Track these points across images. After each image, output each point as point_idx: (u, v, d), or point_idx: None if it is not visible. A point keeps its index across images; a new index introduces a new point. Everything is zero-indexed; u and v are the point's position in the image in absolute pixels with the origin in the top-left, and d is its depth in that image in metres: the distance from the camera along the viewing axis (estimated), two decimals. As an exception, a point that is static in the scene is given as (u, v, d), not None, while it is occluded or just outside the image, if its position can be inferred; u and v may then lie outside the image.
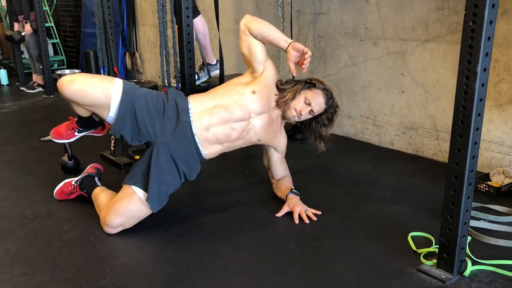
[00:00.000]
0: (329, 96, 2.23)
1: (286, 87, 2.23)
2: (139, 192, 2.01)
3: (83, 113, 2.15)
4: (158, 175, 2.01)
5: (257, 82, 2.20)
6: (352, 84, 3.34)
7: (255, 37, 2.19)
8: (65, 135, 2.30)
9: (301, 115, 2.20)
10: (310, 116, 2.25)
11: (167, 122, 2.07)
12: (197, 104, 2.12)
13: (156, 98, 2.11)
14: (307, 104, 2.20)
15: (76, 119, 2.28)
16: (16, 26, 5.50)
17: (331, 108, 2.26)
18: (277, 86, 2.25)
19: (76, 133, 2.30)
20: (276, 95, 2.23)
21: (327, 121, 2.28)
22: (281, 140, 2.32)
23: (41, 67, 5.41)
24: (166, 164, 2.04)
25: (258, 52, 2.20)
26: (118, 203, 2.02)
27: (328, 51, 3.45)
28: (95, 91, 1.97)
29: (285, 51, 2.16)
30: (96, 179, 2.37)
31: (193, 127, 2.08)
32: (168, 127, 2.07)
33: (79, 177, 2.39)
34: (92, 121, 2.28)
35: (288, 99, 2.19)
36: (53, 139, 2.33)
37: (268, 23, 2.21)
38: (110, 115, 2.02)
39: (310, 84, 2.23)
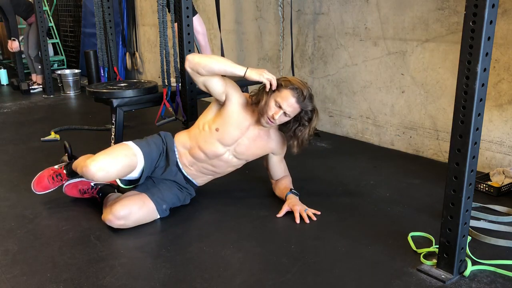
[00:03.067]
0: (300, 94, 2.08)
1: (258, 96, 2.16)
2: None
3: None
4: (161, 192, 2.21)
5: (220, 116, 2.18)
6: (352, 84, 3.34)
7: (206, 76, 2.11)
8: (51, 185, 2.38)
9: (274, 119, 2.09)
10: (287, 119, 2.14)
11: (161, 162, 2.26)
12: (180, 145, 2.27)
13: (160, 147, 2.26)
14: (278, 107, 2.09)
15: (64, 171, 2.35)
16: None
17: (307, 107, 2.12)
18: (252, 100, 2.20)
19: (63, 182, 2.38)
20: (254, 105, 2.19)
21: (306, 122, 2.16)
22: (273, 146, 2.31)
23: (39, 66, 5.41)
24: (165, 186, 2.24)
25: (214, 86, 2.14)
26: (130, 198, 2.13)
27: (328, 51, 3.45)
28: (124, 171, 2.09)
29: (243, 77, 2.07)
30: (115, 190, 2.38)
31: (179, 164, 2.27)
32: (160, 166, 2.25)
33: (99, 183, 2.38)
34: None
35: (261, 107, 2.11)
36: (36, 192, 2.37)
37: (213, 57, 2.14)
38: (133, 175, 2.18)
39: (277, 85, 2.10)
